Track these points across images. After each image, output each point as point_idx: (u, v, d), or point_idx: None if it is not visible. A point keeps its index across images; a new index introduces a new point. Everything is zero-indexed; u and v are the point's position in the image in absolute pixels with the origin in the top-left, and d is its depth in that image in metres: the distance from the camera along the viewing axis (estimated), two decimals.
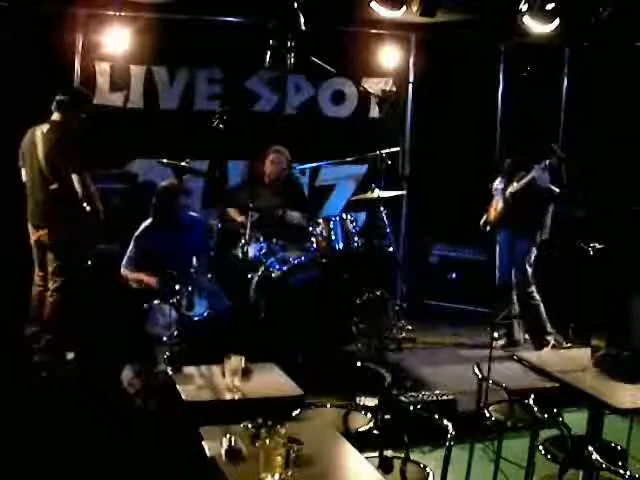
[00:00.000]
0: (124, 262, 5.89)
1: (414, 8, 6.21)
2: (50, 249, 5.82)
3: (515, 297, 6.84)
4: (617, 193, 7.35)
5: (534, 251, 6.64)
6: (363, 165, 7.73)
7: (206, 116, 6.55)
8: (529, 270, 6.66)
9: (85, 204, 5.67)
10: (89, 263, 6.03)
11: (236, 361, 3.97)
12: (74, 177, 5.64)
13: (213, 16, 6.90)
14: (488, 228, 6.85)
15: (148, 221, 5.93)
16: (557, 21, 6.30)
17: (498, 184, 6.79)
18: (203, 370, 4.25)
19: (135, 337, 5.59)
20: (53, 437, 4.63)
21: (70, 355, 5.81)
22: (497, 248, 6.90)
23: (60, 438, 4.62)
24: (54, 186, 5.66)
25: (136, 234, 5.90)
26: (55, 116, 5.77)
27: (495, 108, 8.02)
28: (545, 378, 4.51)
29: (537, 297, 6.69)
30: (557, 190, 6.50)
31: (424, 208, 7.78)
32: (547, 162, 6.36)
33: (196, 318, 5.55)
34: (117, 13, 6.45)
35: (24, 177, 5.88)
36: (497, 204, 6.76)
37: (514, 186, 6.57)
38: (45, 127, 5.75)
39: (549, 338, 6.63)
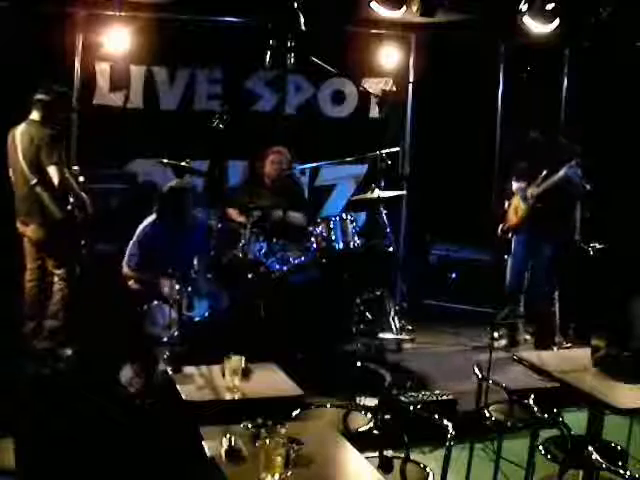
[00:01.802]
0: (125, 260, 5.87)
1: (414, 8, 6.21)
2: (41, 244, 5.84)
3: (523, 300, 6.81)
4: (617, 193, 7.35)
5: (560, 253, 6.59)
6: (363, 165, 7.73)
7: (206, 116, 6.55)
8: (554, 274, 6.62)
9: (68, 196, 5.70)
10: (84, 253, 6.04)
11: (236, 361, 3.97)
12: (50, 169, 5.67)
13: (213, 16, 6.90)
14: (510, 234, 6.77)
15: (150, 218, 5.91)
16: (557, 21, 6.30)
17: (517, 188, 6.68)
18: (203, 370, 4.24)
19: (135, 337, 5.59)
20: (52, 436, 4.63)
21: (70, 354, 5.81)
22: (513, 250, 6.80)
23: (60, 437, 4.62)
24: (33, 181, 5.69)
25: (138, 231, 5.88)
26: (34, 115, 5.79)
27: (495, 108, 8.02)
28: (545, 378, 4.51)
29: (557, 304, 6.65)
30: (589, 187, 6.46)
31: (424, 208, 7.78)
32: (579, 160, 6.32)
33: (196, 318, 5.55)
34: (117, 13, 6.46)
35: (12, 176, 5.91)
36: (517, 208, 6.66)
37: (537, 189, 6.50)
38: (23, 126, 5.78)
39: (554, 347, 6.61)
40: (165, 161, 6.39)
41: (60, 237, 5.81)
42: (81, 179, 5.94)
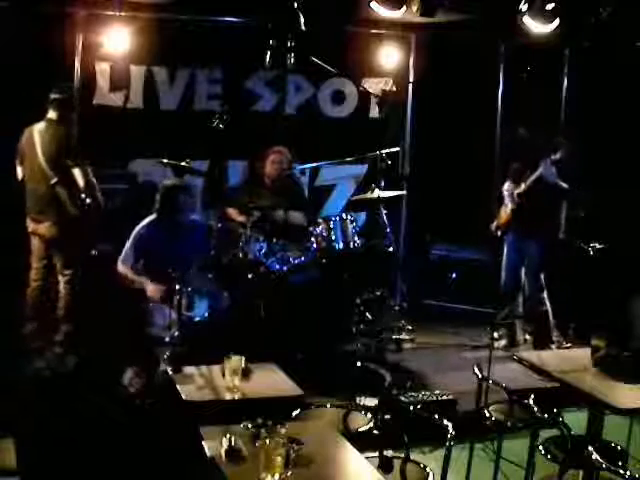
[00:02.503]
0: (121, 258, 5.84)
1: (414, 8, 6.21)
2: (53, 243, 5.85)
3: (520, 299, 6.82)
4: (617, 193, 7.35)
5: (546, 253, 6.60)
6: (363, 165, 7.73)
7: (206, 116, 6.55)
8: (542, 274, 6.62)
9: (85, 196, 5.74)
10: (94, 253, 6.06)
11: (236, 361, 3.97)
12: (75, 171, 5.73)
13: (213, 16, 6.90)
14: (499, 233, 6.80)
15: (149, 218, 5.90)
16: (557, 21, 6.30)
17: (507, 188, 6.74)
18: (203, 370, 4.25)
19: (135, 337, 5.59)
20: (53, 436, 4.63)
21: (70, 354, 5.82)
22: (505, 250, 6.83)
23: (60, 437, 4.62)
24: (54, 180, 5.73)
25: (135, 230, 5.86)
26: (51, 114, 5.83)
27: (495, 108, 8.02)
28: (545, 378, 4.51)
29: (548, 303, 6.66)
30: (565, 186, 6.47)
31: (424, 208, 7.78)
32: (553, 157, 6.33)
33: (196, 319, 5.55)
34: (117, 13, 6.46)
35: (20, 174, 5.93)
36: (507, 207, 6.72)
37: (521, 187, 6.54)
38: (42, 125, 5.82)
39: (552, 346, 6.60)
40: (165, 161, 6.39)
41: (73, 236, 5.84)
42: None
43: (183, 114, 7.12)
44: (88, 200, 5.78)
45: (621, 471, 3.57)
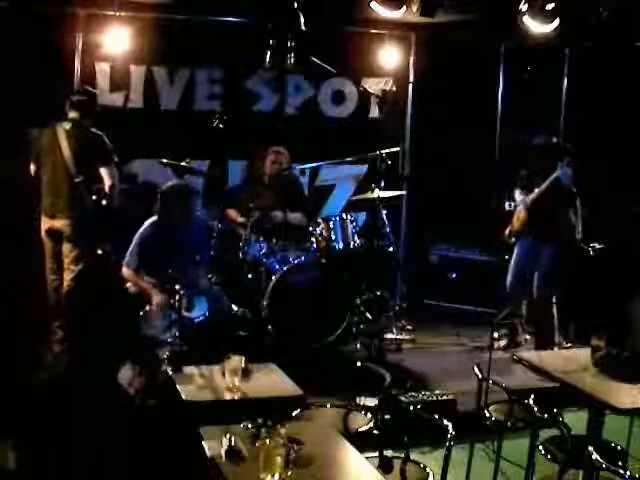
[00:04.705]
0: (125, 261, 5.82)
1: (414, 8, 6.21)
2: (69, 239, 5.87)
3: (525, 302, 6.79)
4: (617, 193, 7.35)
5: (561, 258, 6.56)
6: (363, 165, 7.73)
7: (206, 116, 6.55)
8: (554, 279, 6.61)
9: (105, 195, 5.83)
10: (100, 252, 6.08)
11: (236, 361, 3.98)
12: (103, 170, 5.81)
13: (213, 16, 6.90)
14: (513, 239, 6.74)
15: (152, 219, 5.85)
16: (557, 21, 6.30)
17: (519, 195, 6.69)
18: (203, 370, 4.25)
19: (136, 337, 5.58)
20: (53, 436, 4.63)
21: (70, 354, 5.82)
22: (515, 252, 6.75)
23: (60, 437, 4.62)
24: (78, 179, 5.78)
25: (139, 233, 5.83)
26: (73, 115, 5.87)
27: (495, 108, 8.02)
28: (545, 378, 4.51)
29: (555, 309, 6.62)
30: (574, 189, 6.44)
31: (424, 208, 7.78)
32: (569, 160, 6.31)
33: (197, 320, 5.55)
34: (117, 13, 6.45)
35: (33, 172, 5.94)
36: (520, 214, 6.65)
37: (535, 192, 6.48)
38: (67, 125, 5.86)
39: (554, 348, 6.58)
40: (165, 161, 6.40)
41: (86, 233, 5.88)
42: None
43: (183, 114, 7.12)
44: (104, 201, 5.84)
45: (621, 471, 3.57)
